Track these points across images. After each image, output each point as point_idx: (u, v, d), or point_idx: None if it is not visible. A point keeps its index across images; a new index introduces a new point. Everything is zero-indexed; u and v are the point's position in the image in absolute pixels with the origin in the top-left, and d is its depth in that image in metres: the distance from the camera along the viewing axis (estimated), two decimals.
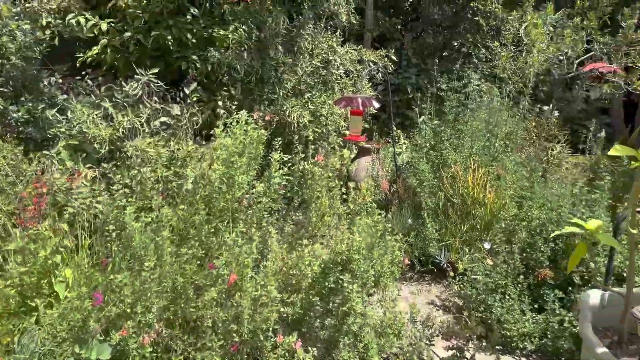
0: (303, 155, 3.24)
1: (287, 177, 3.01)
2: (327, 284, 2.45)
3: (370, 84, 5.91)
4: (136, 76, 4.01)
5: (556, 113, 6.68)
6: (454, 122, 4.49)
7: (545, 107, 7.82)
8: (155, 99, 4.25)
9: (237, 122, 3.26)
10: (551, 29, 5.86)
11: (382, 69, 5.68)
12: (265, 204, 2.73)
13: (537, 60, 5.31)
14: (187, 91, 4.25)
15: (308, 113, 5.11)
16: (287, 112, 4.98)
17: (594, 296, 2.53)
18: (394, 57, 5.99)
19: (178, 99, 4.71)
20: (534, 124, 6.22)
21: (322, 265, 2.47)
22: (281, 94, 5.14)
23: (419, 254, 4.14)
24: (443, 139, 4.33)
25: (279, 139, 3.61)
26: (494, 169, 4.18)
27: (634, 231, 1.98)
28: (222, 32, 4.92)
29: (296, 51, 5.51)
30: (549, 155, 5.95)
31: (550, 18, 5.83)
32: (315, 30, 5.60)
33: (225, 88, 5.20)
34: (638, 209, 1.96)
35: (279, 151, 3.38)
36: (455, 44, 6.68)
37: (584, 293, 2.49)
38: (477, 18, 6.25)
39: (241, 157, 2.74)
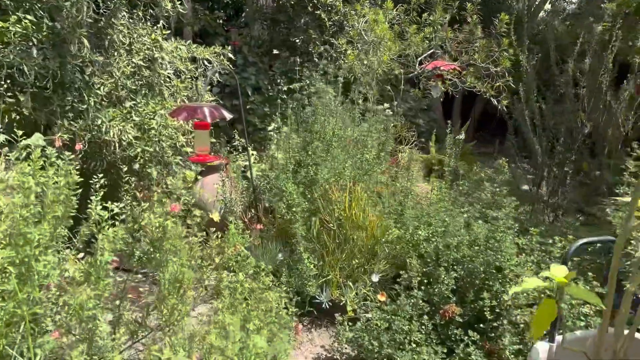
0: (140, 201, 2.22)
1: (122, 237, 1.97)
2: None
3: (208, 87, 4.95)
4: None
5: (390, 112, 6.57)
6: (318, 132, 3.83)
7: (379, 107, 7.76)
8: None
9: (29, 155, 2.08)
10: (389, 24, 5.61)
11: (220, 69, 4.77)
12: (89, 294, 1.67)
13: (386, 60, 4.98)
14: None
15: (133, 127, 3.96)
16: (104, 128, 3.77)
17: (543, 350, 2.11)
18: (231, 55, 5.11)
19: None
20: (383, 127, 5.97)
21: None
22: (92, 103, 3.88)
23: (294, 294, 3.41)
24: (310, 153, 3.64)
25: (100, 172, 2.50)
26: (371, 185, 3.64)
27: (633, 289, 1.52)
28: None
29: (108, 46, 4.26)
30: (400, 158, 5.76)
31: (390, 13, 5.57)
32: (132, 20, 4.42)
33: (10, 96, 3.75)
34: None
35: (100, 193, 2.30)
36: (298, 40, 6.05)
37: (534, 349, 2.04)
38: (318, 12, 5.70)
39: (41, 222, 1.64)
